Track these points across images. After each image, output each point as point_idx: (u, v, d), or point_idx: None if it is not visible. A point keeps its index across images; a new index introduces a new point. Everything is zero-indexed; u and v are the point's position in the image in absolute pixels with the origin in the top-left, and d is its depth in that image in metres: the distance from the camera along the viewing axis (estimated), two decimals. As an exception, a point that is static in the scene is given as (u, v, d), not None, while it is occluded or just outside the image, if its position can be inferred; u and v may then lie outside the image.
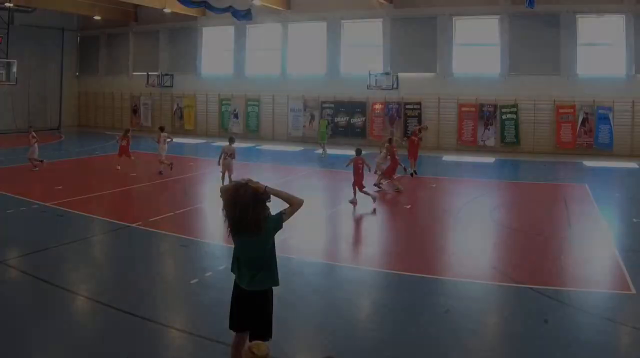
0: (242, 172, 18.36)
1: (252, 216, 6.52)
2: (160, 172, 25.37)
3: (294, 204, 6.94)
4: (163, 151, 26.02)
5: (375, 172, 22.34)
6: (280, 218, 6.91)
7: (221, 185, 9.16)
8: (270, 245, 6.94)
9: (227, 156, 21.83)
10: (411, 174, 25.24)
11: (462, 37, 38.24)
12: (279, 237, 7.10)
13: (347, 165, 20.11)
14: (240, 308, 6.97)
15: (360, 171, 19.55)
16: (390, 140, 23.65)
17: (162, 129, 27.93)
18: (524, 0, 31.33)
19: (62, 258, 13.18)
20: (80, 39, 51.73)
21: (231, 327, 7.15)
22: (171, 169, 25.50)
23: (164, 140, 26.18)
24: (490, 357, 8.75)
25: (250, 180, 6.73)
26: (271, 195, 6.77)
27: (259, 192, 6.64)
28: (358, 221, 18.59)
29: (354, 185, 19.51)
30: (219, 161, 21.96)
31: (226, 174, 21.72)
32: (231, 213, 6.64)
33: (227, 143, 22.14)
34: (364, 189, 19.56)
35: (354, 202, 19.39)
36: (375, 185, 21.87)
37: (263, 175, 23.33)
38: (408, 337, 9.19)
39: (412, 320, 9.90)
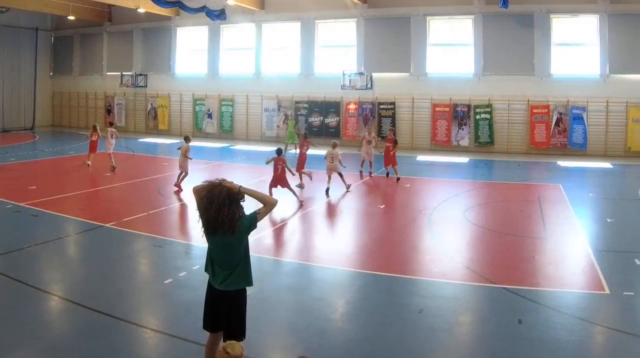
0: (217, 172, 19.49)
1: (227, 215, 6.47)
2: (113, 168, 25.42)
3: (268, 204, 6.98)
4: (111, 146, 26.10)
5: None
6: (255, 218, 6.86)
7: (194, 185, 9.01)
8: (244, 244, 6.86)
9: (182, 155, 21.47)
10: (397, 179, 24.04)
11: (436, 37, 37.20)
12: (252, 237, 7.04)
13: (267, 163, 19.55)
14: (214, 309, 6.86)
15: (279, 171, 19.02)
16: (305, 135, 24.96)
17: (111, 124, 28.12)
18: (498, 0, 30.69)
19: (36, 258, 12.92)
20: (54, 39, 49.89)
21: (205, 327, 7.03)
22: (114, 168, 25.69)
23: (112, 135, 26.22)
24: (464, 356, 8.63)
25: (224, 180, 6.69)
26: (245, 195, 6.73)
27: (234, 192, 6.61)
28: (331, 221, 18.16)
29: (270, 184, 18.91)
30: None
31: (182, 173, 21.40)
32: (207, 212, 6.56)
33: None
34: (290, 187, 19.13)
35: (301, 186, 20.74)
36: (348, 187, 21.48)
37: (237, 175, 23.16)
38: (382, 337, 9.01)
39: (386, 319, 9.70)
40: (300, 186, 21.64)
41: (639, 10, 32.91)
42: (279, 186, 18.73)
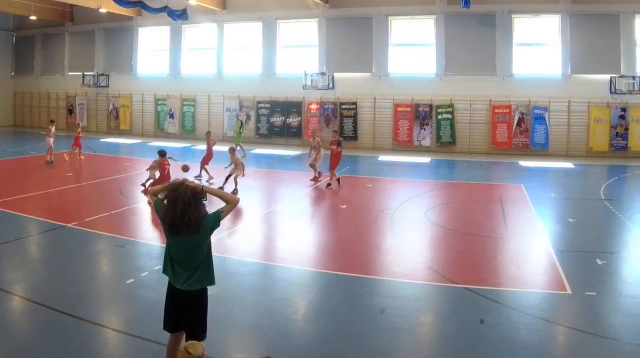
0: (179, 172, 18.17)
1: (193, 215, 6.24)
2: (50, 162, 25.76)
3: (231, 202, 6.76)
4: (50, 144, 26.19)
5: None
6: (219, 216, 6.64)
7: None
8: (207, 243, 6.63)
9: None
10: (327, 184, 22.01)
11: (397, 37, 35.78)
12: (214, 237, 6.90)
13: (147, 169, 19.32)
14: (175, 309, 6.61)
15: (166, 173, 18.74)
16: (208, 133, 24.93)
17: (52, 122, 28.18)
18: (460, 0, 29.33)
19: (-3, 258, 12.62)
20: (15, 39, 47.54)
21: (165, 327, 6.79)
22: (51, 163, 25.71)
23: (51, 132, 26.23)
24: (426, 356, 8.46)
25: (186, 180, 6.54)
26: (207, 194, 6.58)
27: (197, 191, 6.41)
28: (293, 221, 17.38)
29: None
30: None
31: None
32: (171, 212, 6.30)
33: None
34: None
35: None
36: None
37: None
38: (344, 337, 8.79)
39: (348, 319, 9.41)
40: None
41: (600, 10, 32.00)
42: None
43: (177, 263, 6.55)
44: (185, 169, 19.51)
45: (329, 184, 21.73)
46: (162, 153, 19.01)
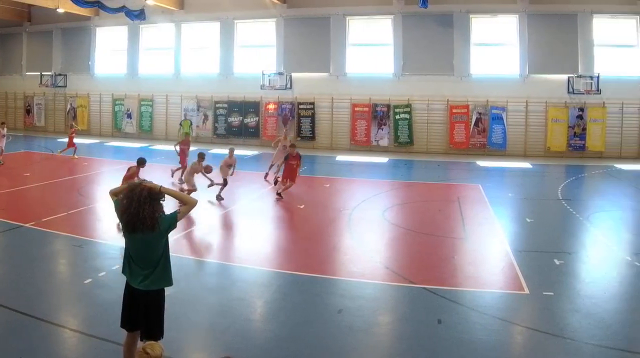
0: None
1: (147, 213, 6.12)
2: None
3: (188, 204, 6.58)
4: (2, 143, 24.93)
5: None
6: (175, 217, 6.45)
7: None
8: (164, 243, 6.45)
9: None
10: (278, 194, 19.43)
11: (355, 37, 33.98)
12: (172, 237, 6.92)
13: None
14: (132, 308, 6.41)
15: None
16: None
17: (2, 124, 26.14)
18: (417, 0, 27.76)
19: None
20: (-27, 39, 44.70)
21: (122, 326, 6.58)
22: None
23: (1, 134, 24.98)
24: (384, 356, 8.09)
25: (144, 180, 6.55)
26: (166, 195, 6.39)
27: (155, 191, 6.26)
28: (251, 221, 16.68)
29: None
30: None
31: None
32: (127, 210, 6.18)
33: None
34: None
35: None
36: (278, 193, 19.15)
37: (156, 176, 20.98)
38: (302, 336, 8.49)
39: (306, 319, 9.09)
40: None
41: (558, 10, 30.88)
42: None
43: (134, 263, 6.37)
44: (209, 169, 18.21)
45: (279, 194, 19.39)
46: (141, 161, 16.27)
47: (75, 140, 27.95)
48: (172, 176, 21.55)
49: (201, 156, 18.11)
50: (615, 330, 8.71)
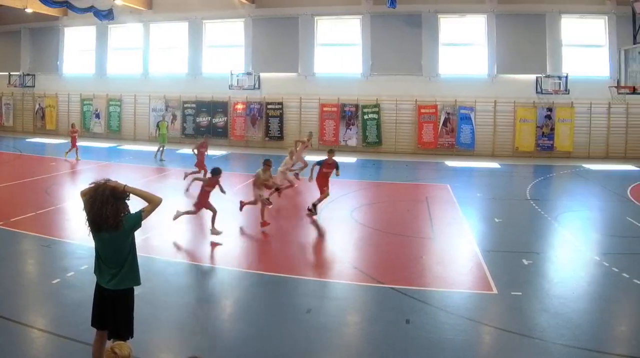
0: (104, 172, 17.24)
1: (110, 213, 5.94)
2: None
3: (153, 202, 6.32)
4: None
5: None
6: (140, 216, 6.23)
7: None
8: (129, 243, 6.25)
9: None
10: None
11: (324, 37, 32.60)
12: (140, 237, 7.29)
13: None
14: (100, 307, 6.24)
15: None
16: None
17: None
18: (386, 0, 26.59)
19: None
20: (-59, 39, 42.24)
21: (92, 324, 6.37)
22: None
23: None
24: (352, 356, 7.87)
25: (109, 180, 6.17)
26: (131, 194, 6.16)
27: (118, 190, 6.06)
28: (220, 221, 15.14)
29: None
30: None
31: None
32: (91, 210, 6.01)
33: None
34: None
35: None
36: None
37: (124, 175, 20.78)
38: (271, 336, 8.18)
39: (275, 319, 8.78)
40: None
41: (526, 10, 29.94)
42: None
43: (102, 262, 6.20)
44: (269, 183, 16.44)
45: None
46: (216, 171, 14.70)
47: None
48: (185, 178, 20.05)
49: (268, 164, 15.28)
50: (583, 330, 8.51)
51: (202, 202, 14.08)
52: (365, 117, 31.54)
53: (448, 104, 30.77)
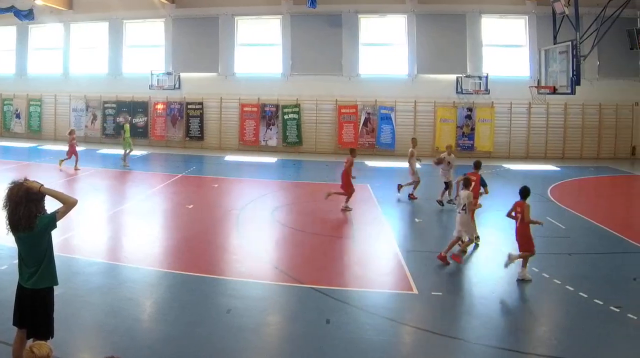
0: (24, 172, 14.24)
1: (23, 213, 5.71)
2: None
3: (68, 204, 5.97)
4: None
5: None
6: (54, 217, 5.89)
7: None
8: (45, 243, 5.91)
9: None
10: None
11: (244, 37, 29.60)
12: (60, 237, 6.86)
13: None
14: (20, 306, 5.93)
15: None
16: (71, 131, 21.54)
17: None
18: (306, 0, 24.10)
19: None
20: None
21: (14, 323, 6.04)
22: None
23: None
24: (273, 356, 7.44)
25: (26, 179, 5.93)
26: (47, 195, 5.86)
27: (33, 191, 5.81)
28: (140, 221, 14.98)
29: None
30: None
31: None
32: (7, 210, 5.81)
33: None
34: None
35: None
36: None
37: (44, 175, 19.10)
38: (191, 336, 7.62)
39: (195, 319, 8.15)
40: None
41: (446, 10, 27.53)
42: None
43: (22, 261, 5.91)
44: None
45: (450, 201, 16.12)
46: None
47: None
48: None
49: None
50: (503, 330, 8.15)
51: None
52: (286, 117, 28.85)
53: (368, 104, 28.08)
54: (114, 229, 14.07)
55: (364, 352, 7.32)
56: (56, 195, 6.03)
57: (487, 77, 26.88)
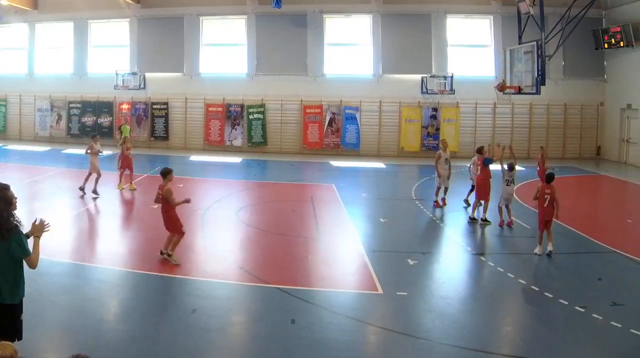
0: None
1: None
2: None
3: (31, 265, 5.58)
4: None
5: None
6: (26, 253, 5.48)
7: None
8: (9, 258, 5.30)
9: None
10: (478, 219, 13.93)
11: (209, 37, 27.16)
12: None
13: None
14: None
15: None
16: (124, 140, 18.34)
17: None
18: (271, 0, 21.91)
19: None
20: None
21: None
22: None
23: None
24: (238, 356, 6.95)
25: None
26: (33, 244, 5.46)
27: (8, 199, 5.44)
28: (105, 221, 14.21)
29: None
30: None
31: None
32: None
33: None
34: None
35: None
36: None
37: (10, 175, 17.93)
38: (156, 336, 7.14)
39: (160, 319, 7.67)
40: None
41: (412, 10, 25.36)
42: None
43: None
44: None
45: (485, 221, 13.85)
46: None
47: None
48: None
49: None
50: (469, 330, 7.52)
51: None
52: (251, 117, 26.51)
53: (333, 104, 25.71)
54: (79, 229, 13.16)
55: (329, 352, 6.89)
56: (36, 251, 5.53)
57: (452, 77, 24.71)
